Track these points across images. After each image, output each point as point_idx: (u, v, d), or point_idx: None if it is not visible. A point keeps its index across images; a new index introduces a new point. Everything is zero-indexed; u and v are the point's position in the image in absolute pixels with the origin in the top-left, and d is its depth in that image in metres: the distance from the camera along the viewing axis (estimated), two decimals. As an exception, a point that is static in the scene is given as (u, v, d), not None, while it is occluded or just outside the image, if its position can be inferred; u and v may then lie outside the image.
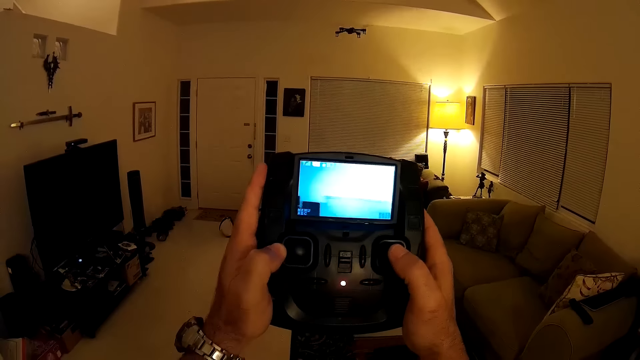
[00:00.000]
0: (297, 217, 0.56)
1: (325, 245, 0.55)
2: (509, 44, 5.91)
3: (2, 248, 3.66)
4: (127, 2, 5.38)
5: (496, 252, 4.77)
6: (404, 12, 6.41)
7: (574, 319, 2.80)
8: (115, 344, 3.98)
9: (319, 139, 7.83)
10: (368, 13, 6.68)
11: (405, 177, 0.58)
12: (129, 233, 5.46)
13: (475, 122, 7.02)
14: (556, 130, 4.83)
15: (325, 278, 0.55)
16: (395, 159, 0.58)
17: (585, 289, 2.98)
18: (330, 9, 6.62)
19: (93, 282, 4.08)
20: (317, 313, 0.56)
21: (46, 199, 3.78)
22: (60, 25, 4.30)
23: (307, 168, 0.56)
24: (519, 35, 5.64)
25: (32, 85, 4.00)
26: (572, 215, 4.53)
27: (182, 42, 7.39)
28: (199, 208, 7.91)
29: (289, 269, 0.54)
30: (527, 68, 5.44)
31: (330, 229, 0.57)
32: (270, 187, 0.56)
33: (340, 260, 0.55)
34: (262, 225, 0.55)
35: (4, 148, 3.65)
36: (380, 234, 0.57)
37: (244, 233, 0.55)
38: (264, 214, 0.55)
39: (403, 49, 7.50)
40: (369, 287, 0.55)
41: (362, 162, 0.57)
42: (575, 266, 3.48)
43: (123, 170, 5.32)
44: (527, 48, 5.41)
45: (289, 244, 0.54)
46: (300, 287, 0.55)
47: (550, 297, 3.42)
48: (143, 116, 6.40)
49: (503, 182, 6.08)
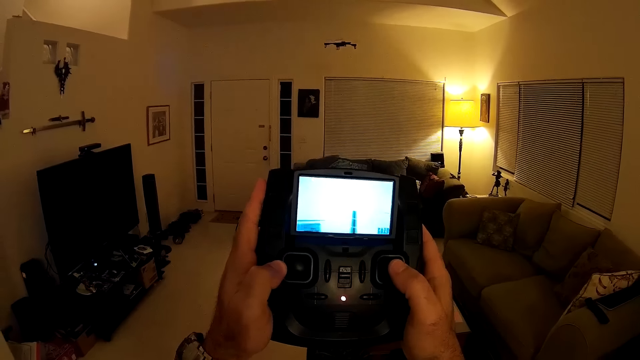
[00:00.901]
0: (296, 232, 0.56)
1: (325, 260, 0.55)
2: (521, 40, 5.84)
3: (17, 253, 3.70)
4: (137, 7, 5.42)
5: (513, 250, 4.69)
6: (416, 10, 6.37)
7: (589, 319, 2.75)
8: (131, 347, 3.98)
9: (335, 139, 7.81)
10: (381, 12, 6.64)
11: (403, 192, 0.58)
12: (145, 236, 5.50)
13: (490, 119, 6.95)
14: (570, 127, 4.76)
15: (326, 293, 0.55)
16: (393, 175, 0.58)
17: (602, 288, 2.92)
18: (342, 9, 6.58)
19: (108, 285, 4.10)
20: (317, 328, 0.55)
21: (60, 203, 3.80)
22: (70, 31, 4.33)
23: (306, 184, 0.56)
24: (531, 31, 5.57)
25: (44, 91, 4.03)
26: (587, 212, 4.46)
27: (194, 44, 7.41)
28: (215, 210, 7.92)
29: (289, 285, 0.54)
30: (539, 64, 5.36)
31: (330, 244, 0.56)
32: (270, 203, 0.56)
33: (340, 276, 0.55)
34: (262, 241, 0.55)
35: (17, 154, 3.69)
36: (379, 249, 0.57)
37: (244, 249, 0.55)
38: (263, 230, 0.56)
39: (416, 47, 7.44)
40: (368, 302, 0.55)
41: (360, 177, 0.57)
42: (591, 264, 3.43)
43: (138, 174, 5.35)
44: (539, 44, 5.34)
45: (289, 260, 0.54)
46: (300, 303, 0.55)
47: (567, 296, 3.35)
48: (157, 120, 6.43)
49: (519, 179, 6.02)
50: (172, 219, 6.89)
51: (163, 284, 5.14)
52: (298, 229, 0.56)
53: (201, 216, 7.52)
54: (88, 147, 4.37)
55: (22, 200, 3.71)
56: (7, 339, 2.73)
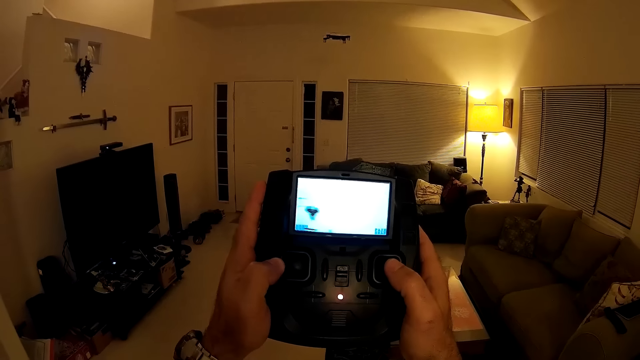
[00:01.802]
0: (294, 232, 0.57)
1: (322, 259, 0.56)
2: (545, 44, 5.76)
3: (34, 249, 3.72)
4: (160, 6, 5.44)
5: (533, 257, 4.64)
6: (439, 13, 6.30)
7: (608, 328, 2.72)
8: (147, 346, 3.97)
9: (358, 142, 7.76)
10: (406, 15, 6.59)
11: (400, 193, 0.59)
12: (165, 236, 5.50)
13: (512, 125, 6.86)
14: (592, 133, 4.70)
15: (323, 292, 0.55)
16: (390, 176, 0.59)
17: (620, 297, 2.90)
18: (367, 12, 6.53)
19: (127, 284, 4.11)
20: (315, 326, 0.55)
21: (79, 201, 3.82)
22: (92, 30, 4.36)
23: (305, 184, 0.57)
24: (554, 36, 5.49)
25: (65, 89, 4.06)
26: (608, 220, 4.40)
27: (217, 45, 7.42)
28: (236, 211, 7.89)
29: (287, 283, 0.54)
30: (562, 69, 5.29)
31: (328, 244, 0.57)
32: (269, 203, 0.57)
33: (338, 274, 0.56)
34: (261, 240, 0.56)
35: (36, 151, 3.72)
36: (376, 248, 0.57)
37: (243, 247, 0.56)
38: (262, 229, 0.57)
39: (440, 51, 7.37)
40: (365, 301, 0.55)
41: (357, 179, 0.58)
42: (610, 273, 3.39)
43: (159, 173, 5.36)
44: (562, 49, 5.27)
45: (288, 259, 0.55)
46: (298, 301, 0.55)
47: (586, 305, 3.33)
48: (179, 119, 6.45)
49: (540, 186, 5.94)
50: (193, 219, 6.90)
51: (182, 284, 5.13)
52: (296, 229, 0.57)
53: (222, 217, 7.51)
54: (109, 145, 4.38)
55: (41, 198, 3.74)
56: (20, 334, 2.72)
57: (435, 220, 6.40)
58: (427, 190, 6.84)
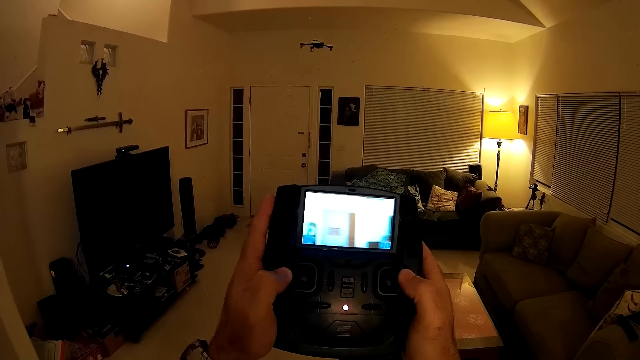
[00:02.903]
0: (302, 245, 0.58)
1: (328, 271, 0.57)
2: (560, 51, 5.71)
3: (47, 251, 3.73)
4: (177, 10, 5.47)
5: (547, 265, 4.62)
6: (455, 20, 6.29)
7: (620, 335, 2.72)
8: (159, 350, 3.96)
9: (374, 148, 7.73)
10: (421, 21, 6.57)
11: (404, 209, 0.61)
12: (179, 239, 5.50)
13: (527, 131, 6.81)
14: (606, 141, 4.69)
15: (329, 302, 0.56)
16: (395, 192, 0.61)
17: (633, 305, 2.90)
18: (385, 18, 6.51)
19: (140, 287, 4.10)
20: (320, 337, 0.56)
21: (94, 204, 3.82)
22: (108, 32, 4.37)
23: (312, 199, 0.59)
24: (569, 43, 5.45)
25: (80, 91, 4.08)
26: (621, 228, 4.39)
27: (233, 49, 7.44)
28: (251, 216, 7.82)
29: (294, 293, 0.55)
30: (577, 76, 5.27)
31: (334, 256, 0.58)
32: (278, 216, 0.59)
33: (343, 286, 0.57)
34: (269, 251, 0.58)
35: (51, 153, 3.73)
36: (381, 261, 0.58)
37: (251, 257, 0.57)
38: (270, 241, 0.58)
39: (456, 57, 7.34)
40: (370, 312, 0.56)
41: (363, 194, 0.60)
42: (623, 280, 3.40)
43: (175, 176, 5.37)
44: (578, 55, 5.24)
45: (295, 270, 0.56)
46: (304, 311, 0.56)
47: (598, 312, 3.34)
48: (195, 123, 6.46)
49: (555, 193, 5.90)
50: (208, 222, 6.89)
51: (196, 287, 5.11)
52: (304, 242, 0.58)
53: (237, 221, 7.50)
54: (125, 148, 4.39)
55: (55, 199, 3.75)
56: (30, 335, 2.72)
57: (450, 226, 6.35)
58: (442, 196, 6.78)
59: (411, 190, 6.89)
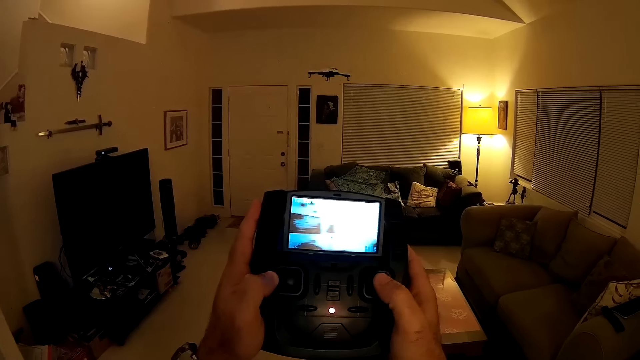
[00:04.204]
0: (288, 249, 0.59)
1: (314, 275, 0.58)
2: (540, 46, 5.82)
3: (31, 255, 3.70)
4: (155, 11, 5.45)
5: (529, 259, 4.66)
6: (434, 17, 6.36)
7: (606, 327, 2.76)
8: (145, 352, 3.96)
9: (353, 146, 7.78)
10: (400, 18, 6.62)
11: (389, 213, 0.62)
12: (161, 241, 5.48)
13: (507, 127, 6.93)
14: (587, 135, 4.77)
15: (315, 305, 0.57)
16: (380, 197, 0.62)
17: (618, 296, 2.92)
18: (363, 16, 6.57)
19: (123, 290, 4.09)
20: (307, 339, 0.57)
21: (75, 207, 3.79)
22: (87, 35, 4.35)
23: (298, 204, 0.60)
24: (549, 38, 5.55)
25: (60, 94, 4.04)
26: (604, 220, 4.47)
27: (212, 49, 7.43)
28: (231, 216, 7.89)
29: (281, 297, 0.57)
30: (557, 71, 5.35)
31: (320, 260, 0.59)
32: (264, 221, 0.60)
33: (329, 289, 0.58)
34: (256, 255, 0.59)
35: (32, 156, 3.70)
36: (366, 265, 0.59)
37: (239, 262, 0.58)
38: (257, 245, 0.59)
39: (435, 54, 7.42)
40: (356, 314, 0.57)
41: (348, 199, 0.61)
42: (607, 273, 3.44)
43: (155, 178, 5.36)
44: (558, 51, 5.33)
45: (281, 274, 0.57)
46: (291, 314, 0.57)
47: (583, 305, 3.35)
48: (174, 124, 6.44)
49: (536, 187, 6.00)
50: (189, 223, 6.88)
51: (178, 289, 5.11)
52: (290, 246, 0.60)
53: (217, 221, 7.50)
54: (105, 151, 4.37)
55: (37, 203, 3.71)
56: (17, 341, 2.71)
57: (431, 222, 6.42)
58: (423, 193, 6.86)
59: (391, 187, 6.96)
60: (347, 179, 6.99)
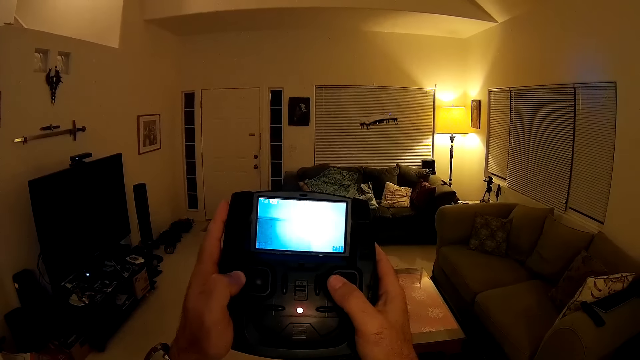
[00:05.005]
0: (255, 249, 0.61)
1: (282, 274, 0.59)
2: (512, 45, 5.91)
3: (9, 263, 3.66)
4: (128, 15, 5.41)
5: (506, 256, 4.73)
6: (406, 18, 6.42)
7: (586, 322, 2.78)
8: (125, 357, 3.93)
9: (325, 147, 7.83)
10: (370, 19, 6.69)
11: (356, 213, 0.63)
12: (137, 246, 5.46)
13: (481, 125, 7.03)
14: (562, 131, 4.83)
15: (283, 305, 0.58)
16: (346, 197, 0.63)
17: (597, 291, 2.95)
18: (334, 17, 6.63)
19: (101, 296, 4.06)
20: (276, 339, 0.57)
21: (52, 213, 3.76)
22: (61, 39, 4.31)
23: (265, 205, 0.62)
24: (522, 37, 5.64)
25: (35, 100, 4.00)
26: (580, 216, 4.53)
27: (184, 53, 7.40)
28: (206, 220, 7.83)
29: (250, 297, 0.57)
30: (531, 69, 5.43)
31: (287, 260, 0.60)
32: (232, 222, 0.62)
33: (297, 289, 0.58)
34: (224, 256, 0.60)
35: (8, 163, 3.65)
36: (334, 264, 0.60)
37: (207, 262, 0.59)
38: (225, 246, 0.61)
39: (407, 55, 7.52)
40: (324, 314, 0.58)
41: (315, 199, 0.63)
42: (586, 268, 3.46)
43: (129, 183, 5.32)
44: (531, 49, 5.41)
45: (249, 274, 0.58)
46: (259, 314, 0.58)
47: (562, 300, 3.39)
48: (148, 129, 6.40)
49: (510, 185, 6.08)
50: (164, 228, 6.84)
51: (155, 293, 5.09)
52: (257, 246, 0.61)
53: (192, 225, 7.46)
54: (79, 156, 4.33)
55: (14, 210, 3.67)
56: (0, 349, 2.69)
57: (405, 222, 6.49)
58: (396, 192, 6.94)
59: (364, 187, 7.02)
60: (320, 180, 7.04)
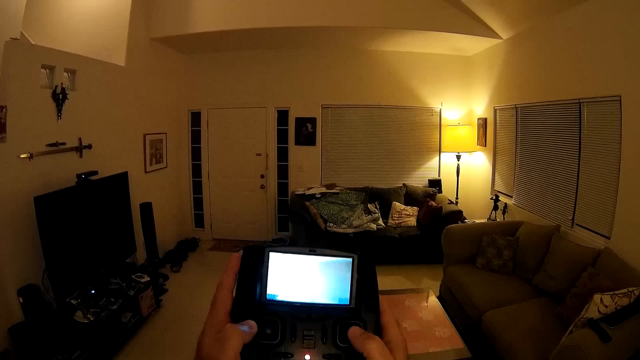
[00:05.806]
0: (266, 300, 0.63)
1: (291, 324, 0.61)
2: (517, 62, 5.90)
3: (14, 277, 3.64)
4: (134, 33, 5.47)
5: (513, 274, 4.67)
6: (412, 36, 6.44)
7: (592, 338, 2.74)
8: (129, 376, 3.89)
9: (332, 167, 7.80)
10: (376, 38, 6.72)
11: (362, 266, 0.65)
12: (142, 264, 5.43)
13: (487, 143, 6.98)
14: (568, 147, 4.78)
15: (292, 352, 0.59)
16: (352, 252, 0.65)
17: (603, 307, 2.92)
18: (339, 36, 6.66)
19: (106, 313, 4.03)
20: None
21: (57, 229, 3.76)
22: (67, 56, 4.35)
23: (276, 258, 0.63)
24: (527, 53, 5.63)
25: (41, 116, 4.01)
26: (587, 232, 4.45)
27: (191, 71, 7.47)
28: (212, 239, 7.85)
29: (260, 344, 0.59)
30: (536, 86, 5.41)
31: (296, 311, 0.62)
32: (244, 274, 0.64)
33: (305, 338, 0.60)
34: (237, 306, 0.62)
35: (14, 178, 3.66)
36: (340, 316, 0.62)
37: (220, 311, 0.62)
38: (238, 296, 0.63)
39: (412, 73, 7.52)
40: None
41: (323, 254, 0.64)
42: (592, 284, 3.43)
43: (135, 201, 5.32)
44: (535, 65, 5.39)
45: (260, 324, 0.60)
46: None
47: (569, 317, 3.34)
48: (154, 147, 6.41)
49: (517, 202, 6.01)
50: (170, 247, 6.83)
51: (161, 312, 5.04)
52: (268, 297, 0.63)
53: (198, 244, 7.44)
54: (85, 174, 4.34)
55: (19, 225, 3.66)
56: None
57: (412, 242, 6.42)
58: (403, 212, 6.89)
59: (371, 207, 6.96)
60: (326, 200, 6.99)
